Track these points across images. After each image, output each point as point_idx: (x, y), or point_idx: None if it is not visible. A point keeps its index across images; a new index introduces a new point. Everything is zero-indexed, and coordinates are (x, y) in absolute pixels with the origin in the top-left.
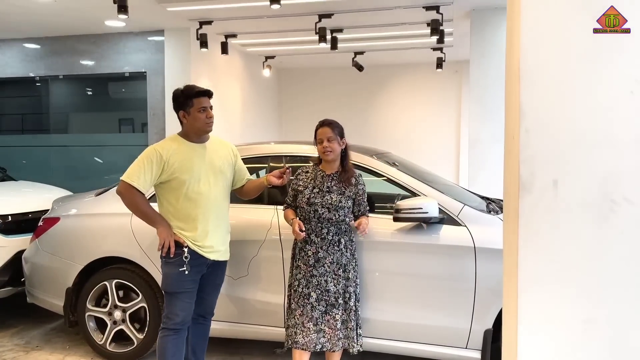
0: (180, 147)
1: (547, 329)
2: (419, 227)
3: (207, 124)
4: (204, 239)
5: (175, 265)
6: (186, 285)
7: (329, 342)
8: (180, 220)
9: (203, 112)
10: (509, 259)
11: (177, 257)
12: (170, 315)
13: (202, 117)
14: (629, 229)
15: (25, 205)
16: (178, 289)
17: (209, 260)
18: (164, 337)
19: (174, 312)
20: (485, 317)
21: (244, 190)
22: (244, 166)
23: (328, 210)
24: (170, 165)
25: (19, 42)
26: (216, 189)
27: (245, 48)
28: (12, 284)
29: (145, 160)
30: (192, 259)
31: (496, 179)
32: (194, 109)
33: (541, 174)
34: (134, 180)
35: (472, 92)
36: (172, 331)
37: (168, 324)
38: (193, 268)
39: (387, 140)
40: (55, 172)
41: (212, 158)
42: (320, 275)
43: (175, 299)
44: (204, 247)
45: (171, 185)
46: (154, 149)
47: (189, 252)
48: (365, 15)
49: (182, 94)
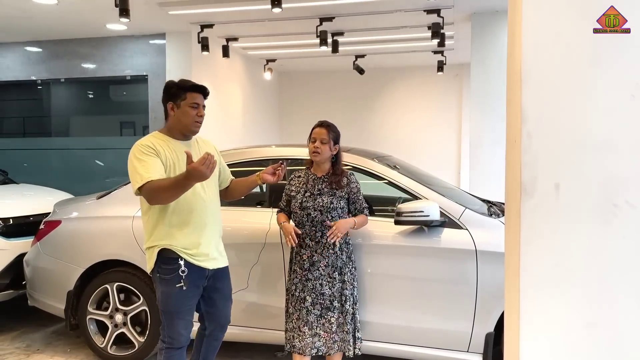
0: (165, 144)
1: (549, 332)
2: (420, 230)
3: (195, 122)
4: (199, 246)
5: (172, 283)
6: (187, 302)
7: (324, 345)
8: (172, 226)
9: (194, 108)
10: (510, 263)
11: (174, 273)
12: (173, 336)
13: (192, 114)
14: (631, 232)
15: (27, 208)
16: (179, 308)
17: (207, 271)
18: (170, 357)
19: (177, 331)
20: (486, 320)
21: (229, 191)
22: (226, 166)
23: (321, 212)
24: (161, 155)
25: (20, 46)
26: (209, 191)
27: (246, 51)
28: (13, 287)
29: (141, 156)
30: (189, 272)
31: (497, 182)
32: (185, 103)
33: (543, 178)
34: (145, 177)
35: (473, 95)
36: (178, 350)
37: (173, 344)
38: (191, 283)
39: (388, 143)
40: (56, 175)
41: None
42: (315, 279)
43: (177, 319)
44: (199, 257)
45: None
46: (136, 146)
47: (185, 266)
48: (366, 18)
49: (176, 85)
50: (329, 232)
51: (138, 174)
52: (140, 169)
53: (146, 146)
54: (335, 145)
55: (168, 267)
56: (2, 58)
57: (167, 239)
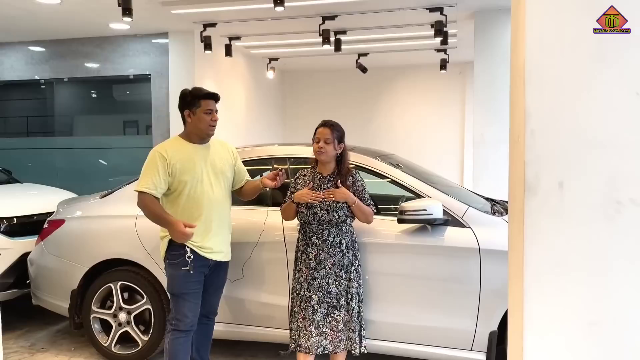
0: (181, 148)
1: (553, 331)
2: (424, 228)
3: (210, 126)
4: (204, 240)
5: (179, 266)
6: (192, 285)
7: (330, 344)
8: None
9: (209, 114)
10: (514, 261)
11: (180, 258)
12: (179, 317)
13: (207, 119)
14: (635, 230)
15: (31, 208)
16: (185, 290)
17: (211, 261)
18: (175, 339)
19: (183, 313)
20: (490, 319)
21: (243, 191)
22: (243, 167)
23: (327, 211)
24: (172, 165)
25: (24, 45)
26: (218, 190)
27: (249, 50)
28: (18, 286)
29: (151, 164)
30: (194, 259)
31: (501, 180)
32: (200, 110)
33: (547, 176)
34: (144, 187)
35: (476, 93)
36: (183, 332)
37: (179, 326)
38: (197, 268)
39: (391, 142)
40: (60, 174)
41: (214, 159)
42: (322, 278)
43: (183, 300)
44: (204, 248)
45: (173, 186)
46: (156, 152)
47: (192, 253)
48: (369, 17)
49: (190, 94)
50: (325, 192)
51: (143, 179)
52: (146, 176)
53: (159, 154)
54: (339, 144)
55: (176, 252)
56: (6, 58)
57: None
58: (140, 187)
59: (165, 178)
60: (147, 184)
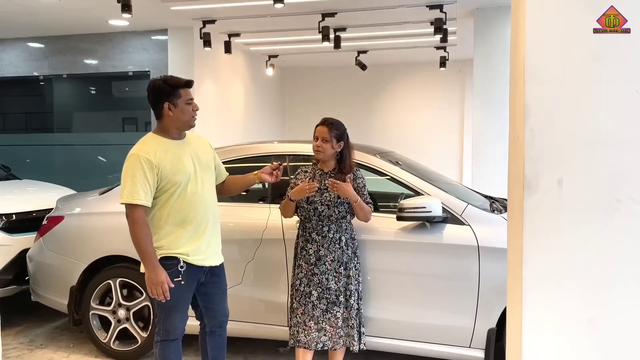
0: (165, 147)
1: (552, 328)
2: (423, 226)
3: (193, 117)
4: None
5: (171, 277)
6: (184, 296)
7: (330, 340)
8: (175, 225)
9: (190, 104)
10: (513, 258)
11: (173, 269)
12: (169, 329)
13: (189, 110)
14: (634, 228)
15: (30, 204)
16: (177, 302)
17: (205, 267)
18: (165, 348)
19: (174, 324)
20: (488, 316)
21: (225, 187)
22: (220, 162)
23: (327, 207)
24: (161, 168)
25: (22, 42)
26: (208, 187)
27: (248, 47)
28: (17, 283)
29: (137, 171)
30: (187, 268)
31: (500, 178)
32: (181, 101)
33: (546, 173)
34: (135, 199)
35: (475, 91)
36: (173, 341)
37: (169, 337)
38: (189, 277)
39: (390, 139)
40: (59, 171)
41: (198, 154)
42: (322, 274)
43: (174, 312)
44: (197, 255)
45: (164, 188)
46: (138, 157)
47: (184, 263)
48: (368, 14)
49: (168, 84)
50: (330, 181)
51: (129, 189)
52: (133, 185)
53: (143, 158)
54: (338, 143)
55: (168, 262)
56: (5, 54)
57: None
58: (130, 198)
59: (153, 185)
60: (138, 195)
